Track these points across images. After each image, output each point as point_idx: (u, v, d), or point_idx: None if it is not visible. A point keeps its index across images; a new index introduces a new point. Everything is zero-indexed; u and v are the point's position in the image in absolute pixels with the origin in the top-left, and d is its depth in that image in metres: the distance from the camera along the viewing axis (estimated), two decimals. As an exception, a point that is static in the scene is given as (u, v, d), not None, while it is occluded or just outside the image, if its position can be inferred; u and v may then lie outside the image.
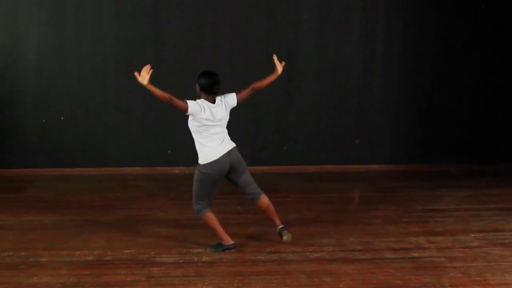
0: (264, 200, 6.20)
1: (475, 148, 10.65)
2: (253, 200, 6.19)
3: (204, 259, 5.85)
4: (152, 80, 10.60)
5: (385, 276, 5.42)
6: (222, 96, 6.01)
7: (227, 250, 6.02)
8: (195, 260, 5.83)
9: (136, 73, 5.79)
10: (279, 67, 6.47)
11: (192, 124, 5.89)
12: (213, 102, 5.92)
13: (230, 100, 6.03)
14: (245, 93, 6.16)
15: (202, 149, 5.90)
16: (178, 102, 5.77)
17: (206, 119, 5.83)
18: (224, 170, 5.92)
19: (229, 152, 5.93)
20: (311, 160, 10.49)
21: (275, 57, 6.51)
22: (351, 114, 10.51)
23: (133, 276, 5.43)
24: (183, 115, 5.96)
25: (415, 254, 6.00)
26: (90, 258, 5.91)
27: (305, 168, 10.38)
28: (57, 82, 10.10)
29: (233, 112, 9.68)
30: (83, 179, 9.72)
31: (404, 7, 10.42)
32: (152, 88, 5.79)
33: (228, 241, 6.05)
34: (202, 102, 5.87)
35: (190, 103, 5.80)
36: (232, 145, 6.01)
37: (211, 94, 5.91)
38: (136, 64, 10.05)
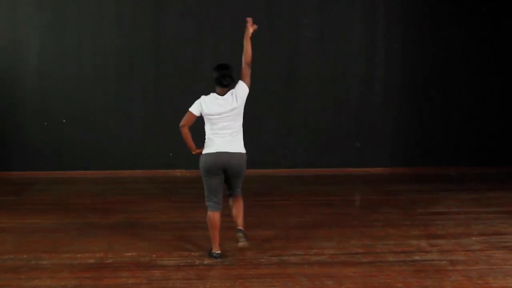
0: (237, 200, 6.04)
1: (476, 151, 10.65)
2: (229, 196, 6.10)
3: (205, 262, 5.84)
4: (152, 81, 10.66)
5: (386, 279, 5.41)
6: (233, 89, 5.96)
7: (212, 257, 5.91)
8: (197, 263, 5.82)
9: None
10: (250, 28, 6.31)
11: (204, 117, 5.91)
12: (224, 94, 5.89)
13: (239, 89, 5.96)
14: (244, 73, 6.07)
15: (206, 140, 5.92)
16: (185, 120, 5.85)
17: (210, 114, 5.82)
18: (216, 166, 5.82)
19: (225, 154, 5.82)
20: (312, 163, 10.49)
21: (249, 22, 6.33)
22: (352, 117, 10.51)
23: (134, 279, 5.42)
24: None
25: (417, 257, 5.99)
26: (91, 261, 5.89)
27: (306, 171, 10.39)
28: (58, 85, 10.11)
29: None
30: (84, 181, 9.72)
31: (404, 11, 10.43)
32: (190, 145, 5.92)
33: (215, 249, 5.95)
34: (204, 98, 5.86)
35: (191, 110, 5.86)
36: (234, 149, 5.88)
37: (221, 86, 5.89)
38: (136, 67, 10.19)
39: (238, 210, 6.01)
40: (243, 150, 5.97)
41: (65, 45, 10.09)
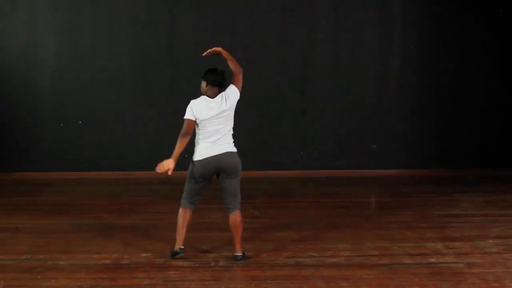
0: (235, 217, 5.89)
1: (492, 153, 10.59)
2: (227, 210, 6.01)
3: (220, 263, 5.84)
4: (167, 84, 10.70)
5: (402, 281, 5.38)
6: (224, 92, 5.92)
7: (176, 255, 5.86)
8: (212, 264, 5.82)
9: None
10: (214, 49, 6.07)
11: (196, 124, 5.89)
12: (214, 97, 5.86)
13: (230, 92, 5.91)
14: (236, 79, 5.98)
15: (196, 145, 5.89)
16: (186, 128, 5.84)
17: (200, 119, 5.79)
18: (208, 172, 5.81)
19: (217, 156, 5.79)
20: (326, 165, 10.47)
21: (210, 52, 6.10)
22: (367, 119, 10.48)
23: (150, 280, 5.43)
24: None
25: (433, 260, 5.96)
26: (107, 261, 5.91)
27: (320, 173, 10.36)
28: (74, 87, 10.17)
29: (248, 117, 9.73)
30: (99, 183, 9.75)
31: (420, 13, 10.40)
32: (177, 155, 5.82)
33: (177, 245, 5.89)
34: (194, 102, 5.84)
35: (187, 117, 5.84)
36: (226, 149, 5.83)
37: (216, 85, 5.86)
38: (151, 69, 10.22)
39: (236, 230, 5.86)
40: (232, 149, 5.89)
41: (81, 48, 10.15)
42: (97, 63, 10.16)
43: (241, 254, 5.89)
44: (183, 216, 5.93)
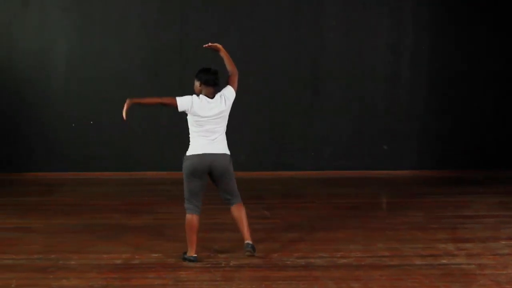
0: (238, 208, 5.93)
1: (504, 154, 10.54)
2: (229, 204, 6.03)
3: (231, 264, 5.84)
4: (178, 83, 10.72)
5: (413, 282, 5.36)
6: (221, 92, 5.94)
7: (187, 261, 5.85)
8: (223, 265, 5.82)
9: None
10: (214, 45, 6.16)
11: (189, 117, 5.89)
12: (213, 97, 5.88)
13: (228, 92, 5.93)
14: (232, 80, 6.03)
15: (192, 142, 5.90)
16: (166, 100, 5.92)
17: (199, 115, 5.79)
18: (201, 168, 5.80)
19: (211, 155, 5.80)
20: (337, 166, 10.45)
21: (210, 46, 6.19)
22: (378, 120, 10.47)
23: (161, 280, 5.44)
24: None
25: (444, 261, 5.93)
26: (118, 261, 5.93)
27: (331, 174, 10.35)
28: (85, 88, 10.22)
29: (259, 117, 9.75)
30: (110, 183, 9.79)
31: (431, 13, 10.37)
32: (137, 100, 5.94)
33: (191, 253, 5.88)
34: (196, 98, 5.85)
35: (179, 99, 5.83)
36: (220, 150, 5.85)
37: (213, 86, 5.87)
38: (162, 68, 10.25)
39: (241, 221, 5.90)
40: (227, 152, 5.91)
41: (92, 49, 10.20)
42: (108, 64, 10.20)
43: (251, 243, 5.85)
44: (192, 223, 5.91)
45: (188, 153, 5.90)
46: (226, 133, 5.96)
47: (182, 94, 5.96)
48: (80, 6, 10.18)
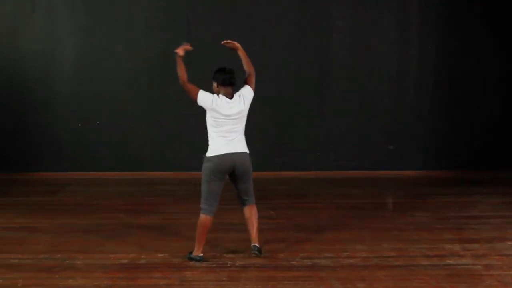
0: (250, 210, 5.97)
1: (509, 155, 10.50)
2: (241, 205, 6.07)
3: (237, 264, 5.85)
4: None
5: (419, 283, 5.36)
6: (239, 91, 5.96)
7: (193, 261, 5.87)
8: (228, 265, 5.83)
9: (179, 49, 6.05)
10: (232, 45, 6.20)
11: (208, 117, 5.89)
12: (231, 97, 5.89)
13: (247, 92, 5.96)
14: (249, 80, 6.05)
15: (212, 143, 5.90)
16: (191, 87, 5.94)
17: (219, 113, 5.80)
18: (224, 168, 5.82)
19: (233, 154, 5.82)
20: (343, 166, 10.43)
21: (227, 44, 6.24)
22: (384, 120, 10.44)
23: (167, 280, 5.46)
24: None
25: (450, 261, 5.93)
26: (124, 261, 5.94)
27: (336, 174, 10.33)
28: (92, 87, 10.23)
29: (264, 117, 9.74)
30: (117, 183, 9.79)
31: (438, 13, 10.35)
32: (180, 63, 6.01)
33: (198, 252, 5.89)
34: (217, 96, 5.86)
35: (201, 93, 5.87)
36: (241, 149, 5.88)
37: (230, 86, 5.88)
38: (169, 68, 10.22)
39: (252, 223, 5.96)
40: (247, 151, 5.95)
41: (98, 49, 10.20)
42: (115, 64, 10.21)
43: (258, 245, 5.90)
44: (205, 224, 5.91)
45: (209, 154, 5.89)
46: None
47: (187, 94, 5.97)
48: (87, 7, 10.19)
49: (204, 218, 5.92)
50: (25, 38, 10.17)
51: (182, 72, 5.99)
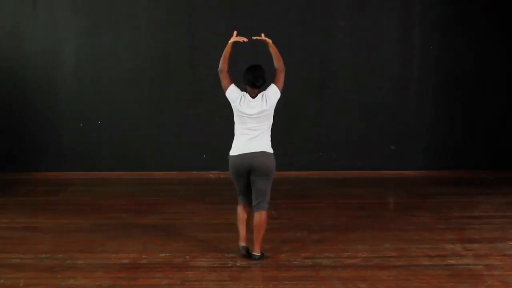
0: (260, 216, 5.90)
1: (510, 154, 10.48)
2: (253, 209, 6.03)
3: (238, 264, 5.85)
4: (187, 83, 10.72)
5: (420, 283, 5.37)
6: (264, 91, 5.97)
7: (240, 251, 5.96)
8: (230, 265, 5.84)
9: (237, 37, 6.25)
10: (264, 39, 6.38)
11: (234, 112, 5.94)
12: (255, 96, 5.90)
13: (271, 92, 5.97)
14: (277, 78, 6.09)
15: (234, 140, 5.95)
16: (225, 77, 5.98)
17: (241, 112, 5.85)
18: (242, 167, 5.83)
19: (251, 154, 5.82)
20: (345, 166, 10.43)
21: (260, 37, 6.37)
22: (386, 120, 10.44)
23: (168, 280, 5.46)
24: (221, 120, 5.99)
25: (452, 262, 5.93)
26: (126, 261, 5.95)
27: (339, 174, 10.33)
28: (94, 87, 10.23)
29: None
30: (118, 183, 9.80)
31: (440, 13, 10.34)
32: (227, 50, 6.14)
33: (240, 241, 5.96)
34: (243, 94, 5.90)
35: (232, 87, 5.94)
36: (262, 148, 5.88)
37: (253, 87, 5.90)
38: (171, 68, 10.26)
39: (259, 231, 5.89)
40: (268, 150, 5.93)
41: (100, 49, 10.20)
42: (117, 64, 10.21)
43: (259, 254, 5.91)
44: (239, 213, 6.01)
45: (230, 153, 5.95)
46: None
47: (190, 93, 5.98)
48: (88, 7, 10.19)
49: (239, 207, 6.03)
50: (26, 38, 10.17)
51: (225, 58, 6.08)
